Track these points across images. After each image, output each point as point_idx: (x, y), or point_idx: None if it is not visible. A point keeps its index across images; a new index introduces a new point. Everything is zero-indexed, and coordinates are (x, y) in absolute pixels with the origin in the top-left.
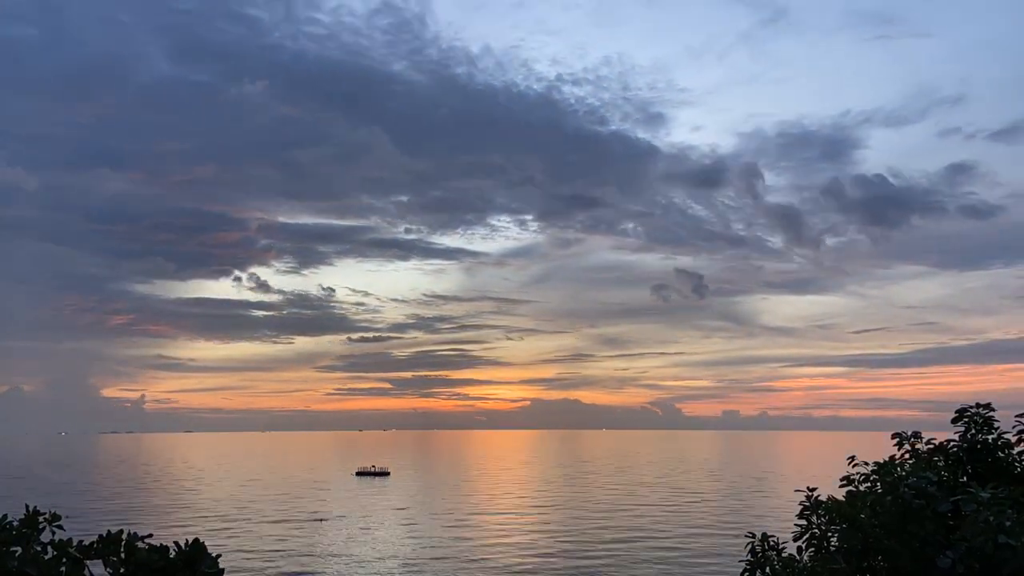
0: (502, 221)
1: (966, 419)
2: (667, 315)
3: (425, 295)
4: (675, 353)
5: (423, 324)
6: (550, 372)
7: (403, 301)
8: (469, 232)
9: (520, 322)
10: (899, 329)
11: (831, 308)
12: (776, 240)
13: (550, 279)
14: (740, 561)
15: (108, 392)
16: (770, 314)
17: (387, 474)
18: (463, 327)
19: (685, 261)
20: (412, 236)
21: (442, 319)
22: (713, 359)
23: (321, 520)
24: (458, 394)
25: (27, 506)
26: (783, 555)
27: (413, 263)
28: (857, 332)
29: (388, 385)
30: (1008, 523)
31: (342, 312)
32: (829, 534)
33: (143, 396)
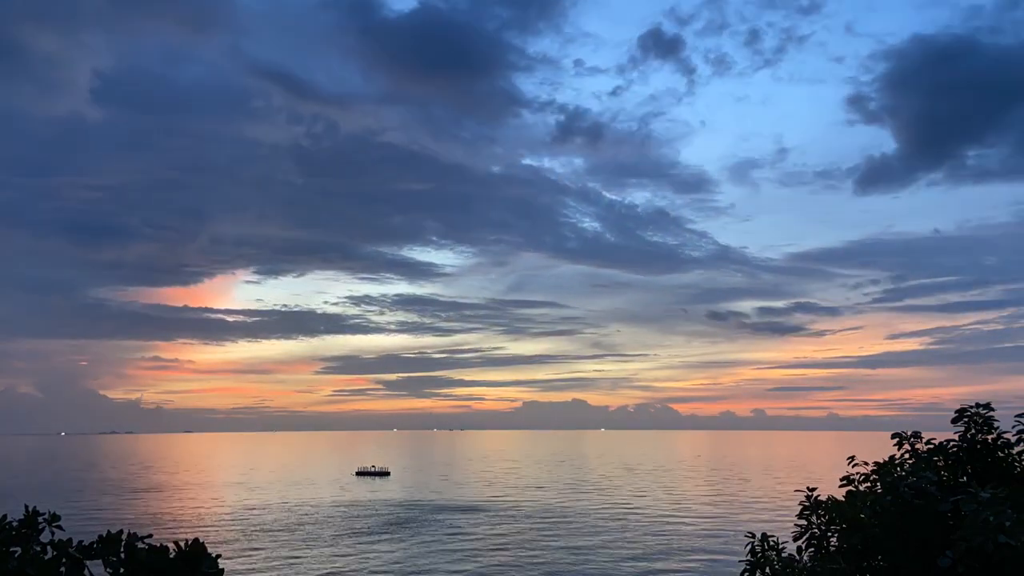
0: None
1: (966, 419)
2: (651, 320)
3: (411, 301)
4: (664, 356)
5: (415, 328)
6: (542, 374)
7: (391, 307)
8: (430, 248)
9: (507, 326)
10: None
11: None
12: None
13: (526, 286)
14: (740, 561)
15: (107, 393)
16: (750, 318)
17: (387, 474)
18: (454, 331)
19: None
20: (380, 249)
21: (432, 325)
22: (702, 362)
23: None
24: (451, 395)
25: (27, 506)
26: (783, 555)
27: (389, 273)
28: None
29: (383, 387)
30: (1008, 523)
31: (333, 317)
32: (829, 534)
33: (141, 397)
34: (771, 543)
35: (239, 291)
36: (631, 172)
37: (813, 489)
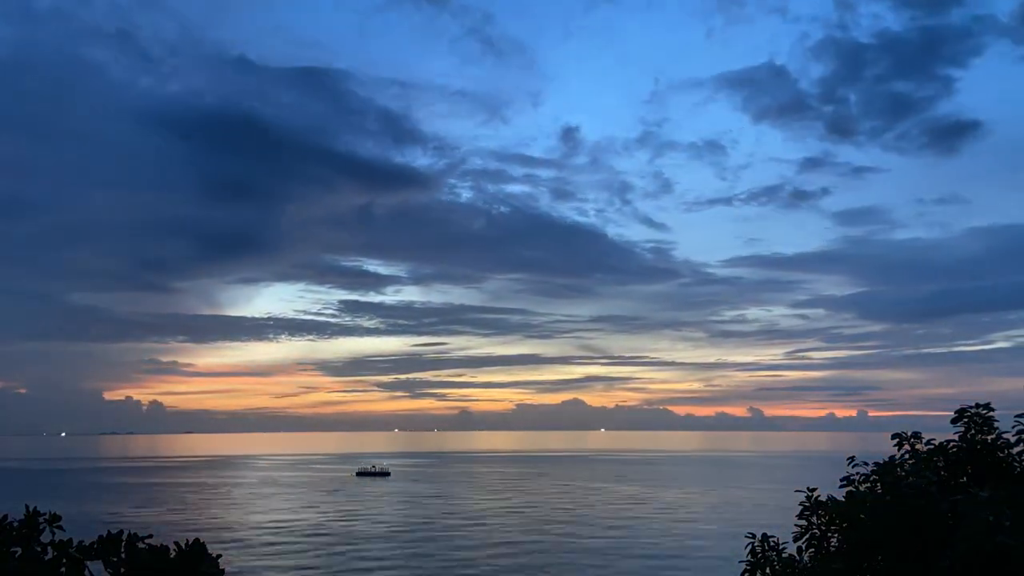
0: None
1: (966, 419)
2: (641, 326)
3: (394, 308)
4: (656, 360)
5: (404, 331)
6: (535, 376)
7: (376, 313)
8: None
9: (495, 331)
10: None
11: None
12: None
13: (503, 295)
14: (740, 562)
15: (107, 395)
16: (737, 323)
17: (387, 474)
18: (449, 334)
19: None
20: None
21: (421, 330)
22: (693, 364)
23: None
24: (446, 396)
25: (27, 506)
26: (783, 555)
27: (364, 283)
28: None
29: (379, 389)
30: (1007, 523)
31: (323, 324)
32: (829, 534)
33: (141, 399)
34: (771, 543)
35: (234, 297)
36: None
37: (813, 489)
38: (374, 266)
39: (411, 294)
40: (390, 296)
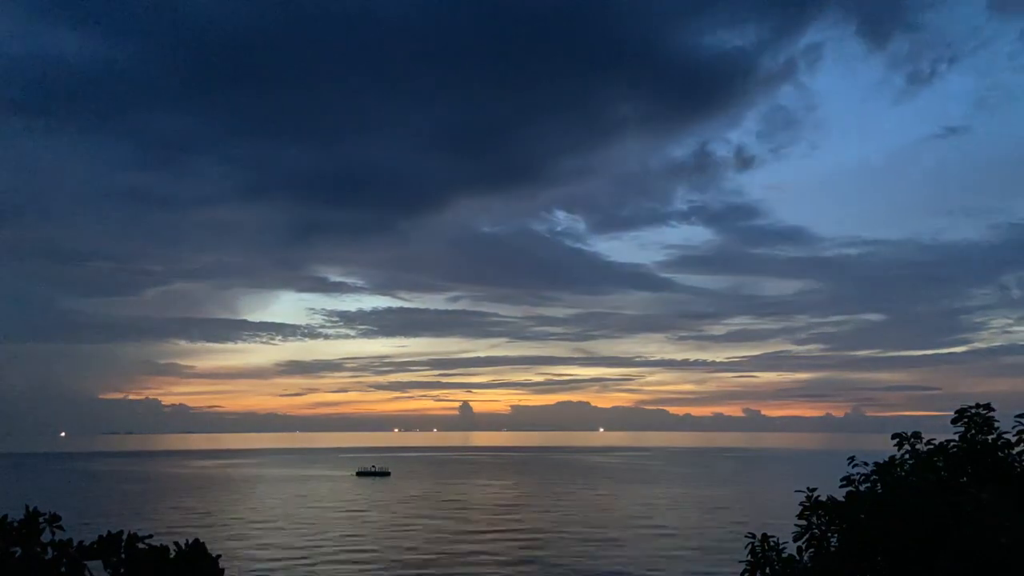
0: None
1: (966, 419)
2: (630, 329)
3: (398, 309)
4: (652, 361)
5: (399, 332)
6: (533, 376)
7: (378, 317)
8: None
9: (490, 333)
10: None
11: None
12: None
13: (505, 298)
14: (740, 562)
15: (104, 395)
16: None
17: (387, 474)
18: (447, 335)
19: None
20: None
21: (417, 332)
22: (686, 365)
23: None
24: (443, 397)
25: (27, 506)
26: (783, 555)
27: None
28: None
29: (375, 389)
30: (1007, 523)
31: (317, 328)
32: (829, 534)
33: (138, 399)
34: (771, 543)
35: (232, 300)
36: None
37: (813, 489)
38: (350, 274)
39: (406, 298)
40: (381, 301)
